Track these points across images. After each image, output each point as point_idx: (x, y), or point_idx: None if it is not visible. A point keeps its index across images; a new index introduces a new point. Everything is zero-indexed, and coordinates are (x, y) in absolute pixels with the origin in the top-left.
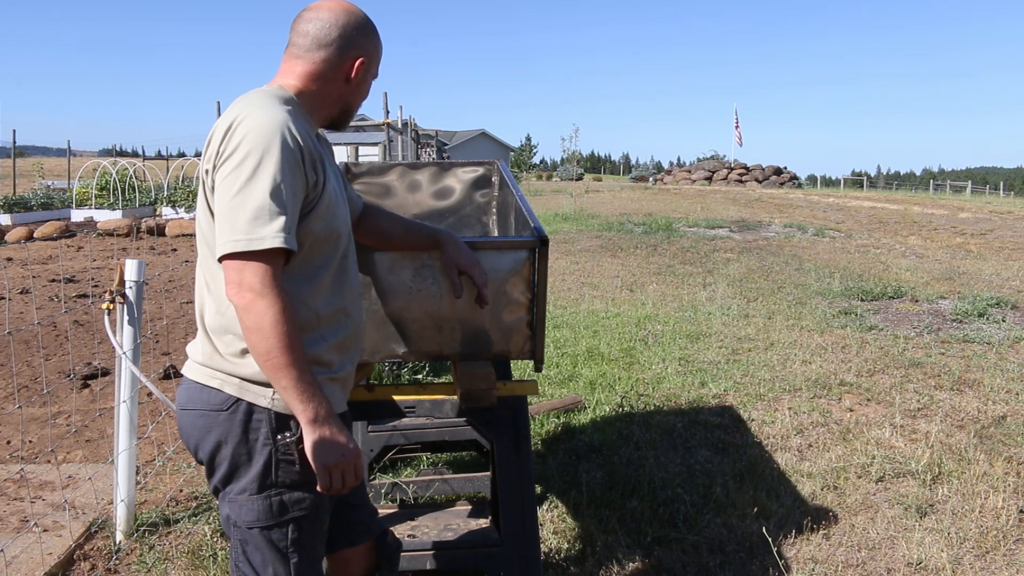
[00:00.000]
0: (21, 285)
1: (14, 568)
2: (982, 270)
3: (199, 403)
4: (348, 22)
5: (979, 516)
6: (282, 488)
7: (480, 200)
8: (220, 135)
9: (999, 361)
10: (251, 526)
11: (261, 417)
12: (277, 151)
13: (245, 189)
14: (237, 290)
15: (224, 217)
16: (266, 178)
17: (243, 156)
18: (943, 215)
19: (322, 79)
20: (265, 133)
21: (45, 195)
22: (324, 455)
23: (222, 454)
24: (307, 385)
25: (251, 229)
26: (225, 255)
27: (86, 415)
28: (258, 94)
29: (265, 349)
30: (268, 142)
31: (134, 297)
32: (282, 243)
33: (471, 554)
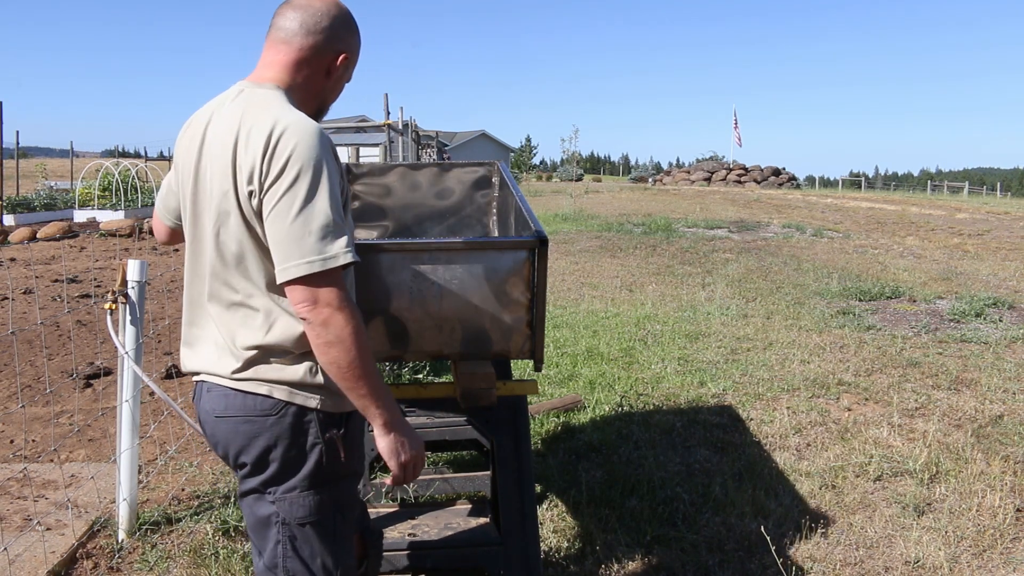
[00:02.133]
0: (24, 285)
1: (17, 566)
2: (979, 270)
3: (242, 409)
4: (338, 15)
5: (976, 515)
6: (330, 482)
7: (480, 200)
8: (259, 152)
9: (996, 361)
10: (303, 522)
11: (311, 418)
12: (326, 162)
13: (307, 209)
14: (311, 308)
15: (286, 239)
16: (325, 193)
17: (296, 174)
18: (940, 216)
19: (307, 68)
20: (311, 146)
21: (48, 196)
22: (401, 453)
23: (271, 456)
24: (383, 391)
25: (322, 249)
26: (297, 278)
27: (88, 414)
28: (269, 99)
29: (348, 361)
30: (317, 155)
31: (136, 297)
32: (352, 257)
33: (471, 553)
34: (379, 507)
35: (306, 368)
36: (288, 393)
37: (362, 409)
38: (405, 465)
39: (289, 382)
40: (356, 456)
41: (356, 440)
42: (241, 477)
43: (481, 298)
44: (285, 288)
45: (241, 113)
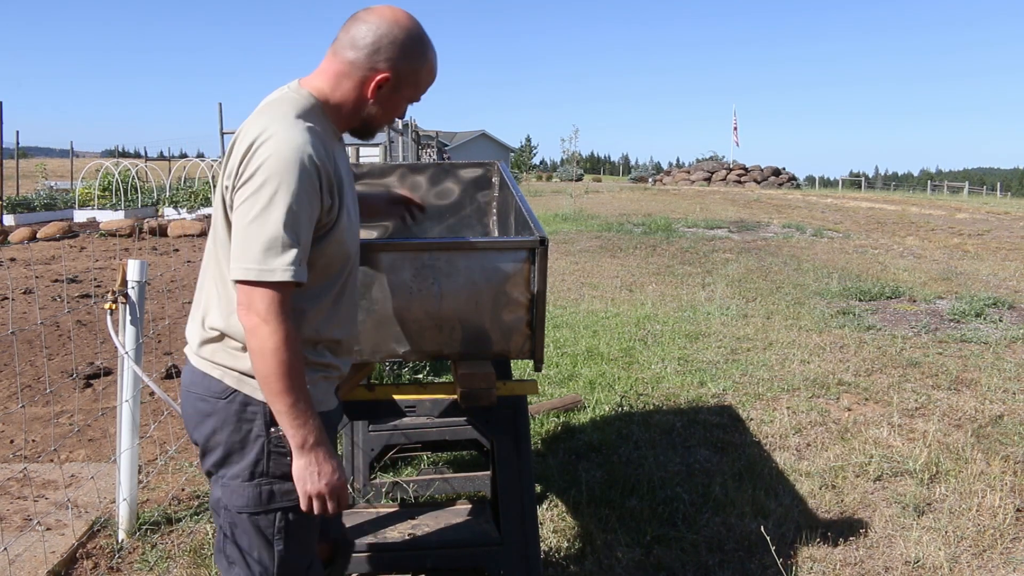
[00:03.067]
0: (24, 285)
1: (17, 566)
2: (979, 270)
3: (201, 388)
4: (388, 33)
5: (976, 515)
6: (272, 478)
7: (480, 201)
8: (240, 153)
9: (996, 361)
10: (240, 511)
11: (256, 410)
12: (294, 179)
13: (260, 217)
14: (246, 312)
15: (239, 241)
16: (281, 208)
17: (261, 182)
18: (940, 216)
19: (346, 82)
20: (284, 160)
21: (48, 196)
22: (308, 481)
23: (216, 439)
24: (300, 412)
25: (263, 260)
26: (238, 280)
27: (88, 414)
28: (284, 105)
29: (264, 373)
30: (286, 170)
31: (136, 297)
32: (291, 277)
33: (471, 553)
34: (379, 507)
35: None
36: (237, 380)
37: (280, 425)
38: (311, 495)
39: (239, 370)
40: None
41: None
42: (199, 456)
43: (481, 298)
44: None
45: (259, 109)
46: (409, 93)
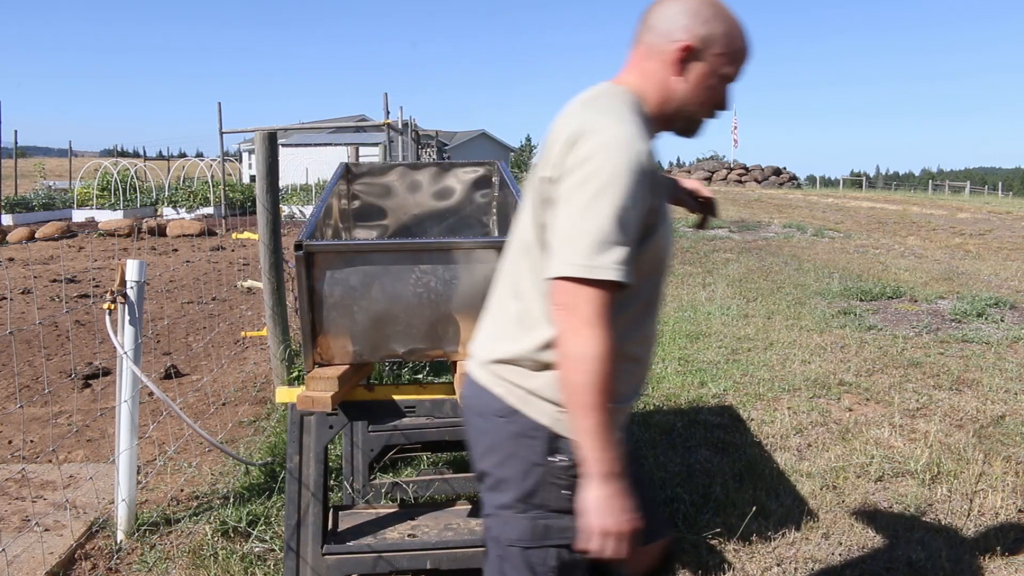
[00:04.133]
0: (23, 285)
1: (15, 567)
2: (981, 270)
3: (480, 404)
4: (685, 5)
5: (978, 516)
6: (548, 512)
7: (480, 200)
8: (565, 143)
9: (997, 361)
10: (512, 544)
11: (538, 434)
12: (625, 174)
13: (590, 210)
14: (565, 314)
15: (564, 236)
16: (612, 202)
17: (589, 174)
18: (942, 215)
19: (649, 66)
20: (615, 153)
21: (46, 195)
22: (604, 515)
23: (491, 462)
24: (608, 433)
25: (592, 255)
26: (560, 276)
27: (87, 415)
28: (608, 98)
29: (577, 383)
30: (617, 163)
31: (135, 297)
32: (621, 277)
33: (471, 553)
34: (378, 507)
35: (548, 379)
36: (522, 400)
37: (582, 445)
38: (601, 531)
39: (527, 388)
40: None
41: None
42: (476, 477)
43: (481, 298)
44: (550, 285)
45: (580, 103)
46: (720, 64)
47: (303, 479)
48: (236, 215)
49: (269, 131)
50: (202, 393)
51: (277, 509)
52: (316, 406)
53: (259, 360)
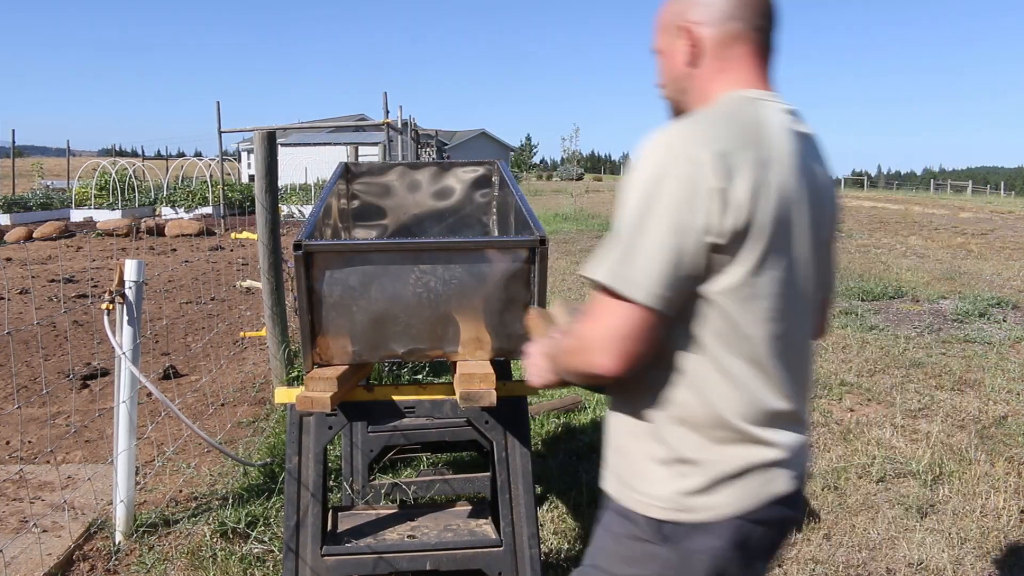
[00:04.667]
0: (20, 285)
1: (13, 568)
2: (983, 270)
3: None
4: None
5: (980, 516)
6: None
7: (480, 200)
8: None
9: (1000, 361)
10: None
11: None
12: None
13: None
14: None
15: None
16: None
17: None
18: (944, 215)
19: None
20: None
21: (44, 195)
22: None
23: None
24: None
25: None
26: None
27: (85, 415)
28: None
29: None
30: None
31: (133, 297)
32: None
33: (471, 554)
34: (378, 508)
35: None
36: None
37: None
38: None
39: None
40: None
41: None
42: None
43: (481, 298)
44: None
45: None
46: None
47: (302, 480)
48: (235, 215)
49: (268, 130)
50: (201, 393)
51: (276, 510)
52: (315, 407)
53: (258, 360)
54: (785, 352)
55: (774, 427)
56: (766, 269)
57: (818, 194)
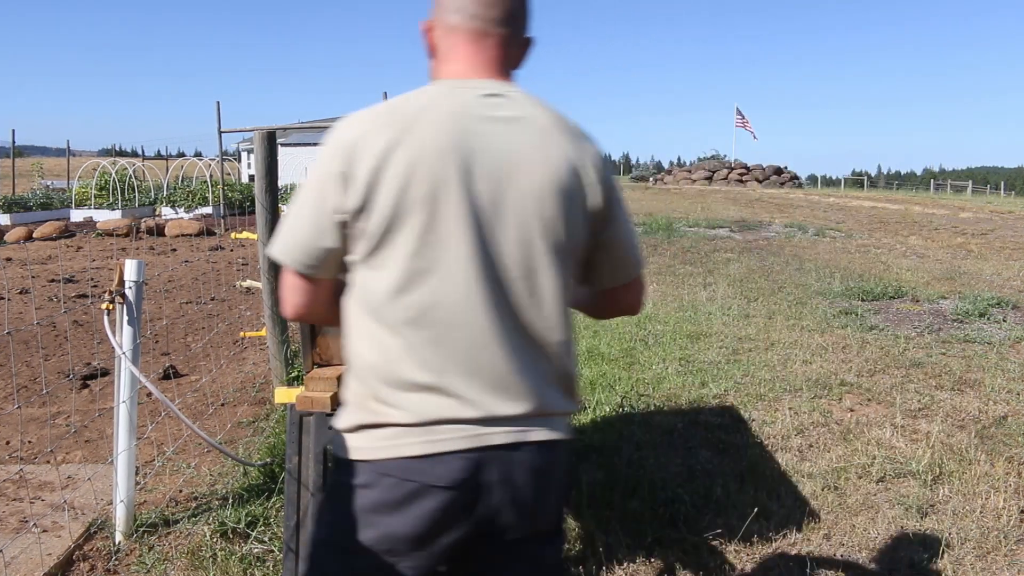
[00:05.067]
0: (20, 285)
1: (13, 568)
2: (983, 270)
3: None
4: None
5: (980, 516)
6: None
7: None
8: (600, 175)
9: (1000, 361)
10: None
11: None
12: None
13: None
14: (641, 298)
15: (634, 244)
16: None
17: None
18: (944, 215)
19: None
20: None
21: (44, 195)
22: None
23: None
24: None
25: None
26: (640, 273)
27: (85, 415)
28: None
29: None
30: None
31: (133, 297)
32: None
33: None
34: None
35: None
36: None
37: None
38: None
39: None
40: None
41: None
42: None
43: None
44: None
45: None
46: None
47: (302, 480)
48: (235, 215)
49: (268, 130)
50: (201, 393)
51: (276, 510)
52: (315, 406)
53: (258, 360)
54: (434, 326)
55: (408, 393)
56: (392, 243)
57: (499, 173)
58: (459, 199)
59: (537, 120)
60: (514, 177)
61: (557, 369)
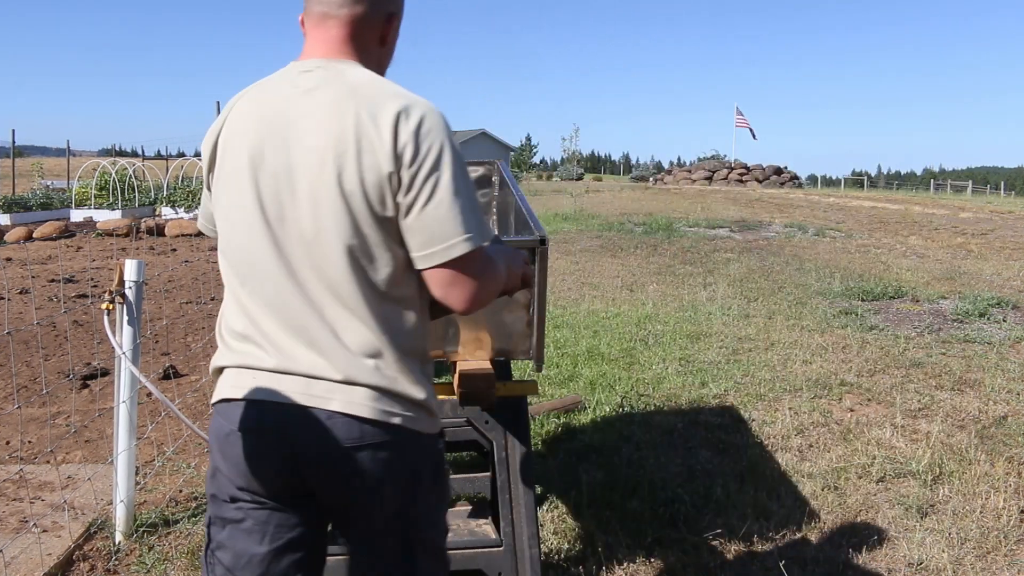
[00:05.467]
0: (20, 285)
1: (13, 569)
2: (983, 270)
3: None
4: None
5: (980, 516)
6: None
7: (480, 200)
8: (395, 131)
9: (1000, 361)
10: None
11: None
12: (454, 143)
13: (457, 187)
14: (453, 294)
15: (451, 215)
16: (464, 175)
17: (439, 154)
18: (944, 215)
19: (369, 40)
20: (443, 126)
21: (44, 195)
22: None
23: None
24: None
25: (481, 225)
26: (467, 252)
27: (85, 415)
28: (385, 82)
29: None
30: (448, 135)
31: (133, 297)
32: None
33: (471, 554)
34: None
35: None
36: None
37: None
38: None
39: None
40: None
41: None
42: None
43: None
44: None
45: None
46: (400, 23)
47: None
48: None
49: None
50: (201, 393)
51: None
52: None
53: None
54: (250, 280)
55: (237, 342)
56: (219, 203)
57: (290, 141)
58: (256, 167)
59: (333, 88)
60: (303, 143)
61: (375, 342)
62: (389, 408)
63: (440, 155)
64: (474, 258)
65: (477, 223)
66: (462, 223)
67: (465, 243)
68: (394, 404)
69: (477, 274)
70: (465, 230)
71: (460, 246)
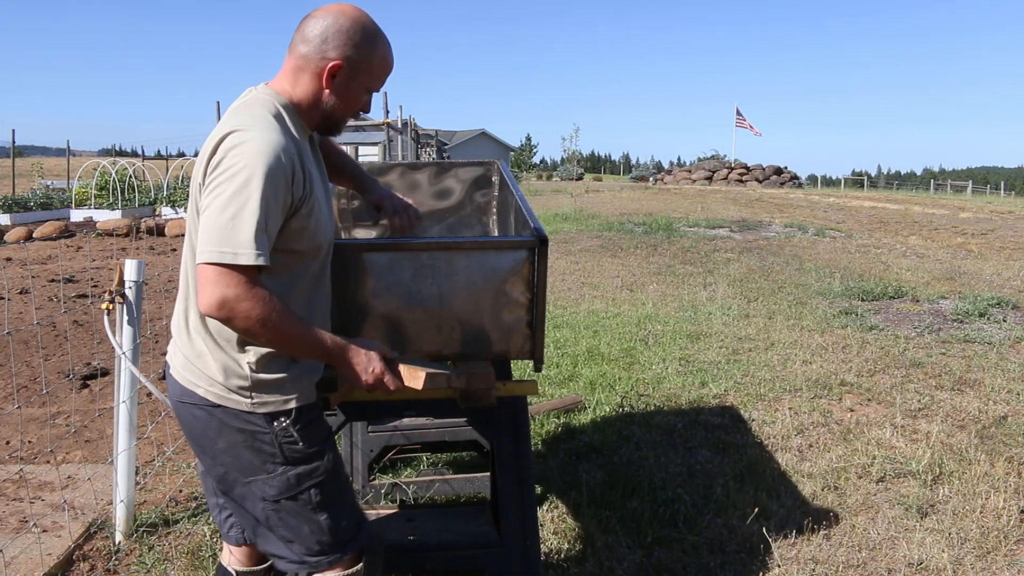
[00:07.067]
0: (20, 285)
1: (13, 568)
2: (983, 270)
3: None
4: (335, 23)
5: (980, 516)
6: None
7: (480, 200)
8: (211, 149)
9: (1000, 361)
10: (276, 499)
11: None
12: (265, 171)
13: (233, 204)
14: (202, 292)
15: (212, 227)
16: (255, 197)
17: (233, 172)
18: (944, 215)
19: (303, 76)
20: (255, 152)
21: (44, 195)
22: (359, 380)
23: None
24: (315, 342)
25: (236, 242)
26: (205, 262)
27: (85, 415)
28: (254, 107)
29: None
30: (257, 161)
31: (133, 297)
32: (263, 260)
33: (471, 554)
34: (379, 508)
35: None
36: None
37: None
38: (371, 382)
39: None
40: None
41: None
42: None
43: (481, 298)
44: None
45: (231, 111)
46: (365, 81)
47: None
48: None
49: None
50: None
51: None
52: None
53: None
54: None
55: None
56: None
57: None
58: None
59: (231, 107)
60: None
61: (184, 324)
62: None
63: (222, 160)
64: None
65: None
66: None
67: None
68: (193, 375)
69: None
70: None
71: (213, 249)
